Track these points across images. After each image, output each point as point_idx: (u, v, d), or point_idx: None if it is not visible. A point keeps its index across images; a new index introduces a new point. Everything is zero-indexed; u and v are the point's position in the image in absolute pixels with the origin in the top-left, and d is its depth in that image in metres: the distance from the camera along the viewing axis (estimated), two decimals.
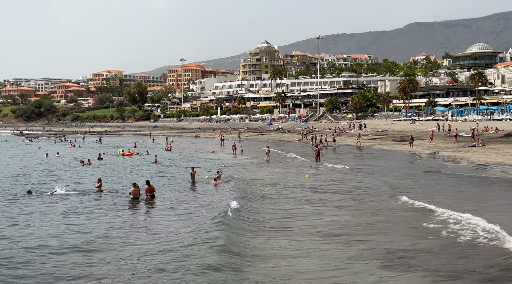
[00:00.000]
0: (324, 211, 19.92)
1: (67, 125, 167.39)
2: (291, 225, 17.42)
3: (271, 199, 23.05)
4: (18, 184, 29.60)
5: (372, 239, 15.08)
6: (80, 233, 16.75)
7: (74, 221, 18.70)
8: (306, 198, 23.01)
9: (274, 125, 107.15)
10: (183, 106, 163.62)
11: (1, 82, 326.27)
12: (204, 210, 20.50)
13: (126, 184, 28.08)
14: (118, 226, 17.80)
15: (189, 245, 14.54)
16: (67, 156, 50.60)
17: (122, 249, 14.58)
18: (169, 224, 18.17)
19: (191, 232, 16.39)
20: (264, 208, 20.91)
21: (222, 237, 15.16)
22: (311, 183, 27.92)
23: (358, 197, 22.82)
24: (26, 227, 17.69)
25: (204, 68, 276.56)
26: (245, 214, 19.20)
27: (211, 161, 42.98)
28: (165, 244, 14.98)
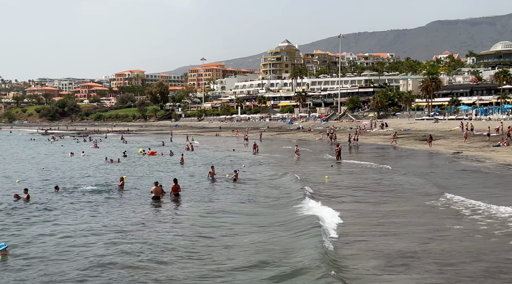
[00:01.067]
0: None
1: (90, 124, 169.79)
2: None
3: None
4: (46, 181, 30.30)
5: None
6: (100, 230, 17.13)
7: (97, 218, 19.13)
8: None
9: (294, 124, 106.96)
10: (204, 106, 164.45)
11: (26, 82, 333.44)
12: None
13: (149, 182, 28.44)
14: (140, 222, 18.14)
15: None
16: (91, 155, 51.40)
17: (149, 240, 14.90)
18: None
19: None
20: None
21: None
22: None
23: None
24: (56, 224, 18.20)
25: (225, 68, 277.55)
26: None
27: (231, 160, 43.23)
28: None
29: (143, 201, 23.09)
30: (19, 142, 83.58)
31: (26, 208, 21.36)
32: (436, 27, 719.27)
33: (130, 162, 43.10)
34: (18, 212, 20.57)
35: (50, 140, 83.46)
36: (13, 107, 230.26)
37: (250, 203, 22.46)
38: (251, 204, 22.25)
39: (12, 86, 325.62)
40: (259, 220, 18.67)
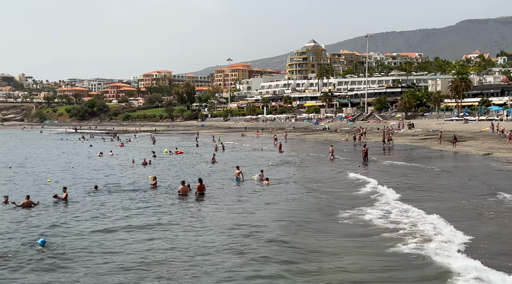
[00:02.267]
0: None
1: (118, 124, 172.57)
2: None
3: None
4: (76, 181, 31.01)
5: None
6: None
7: (132, 217, 19.59)
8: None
9: (320, 125, 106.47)
10: (230, 106, 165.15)
11: (56, 83, 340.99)
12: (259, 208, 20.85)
13: (178, 182, 28.83)
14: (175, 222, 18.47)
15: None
16: (120, 155, 52.25)
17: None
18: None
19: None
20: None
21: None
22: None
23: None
24: (96, 222, 18.71)
25: (251, 68, 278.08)
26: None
27: (258, 159, 43.37)
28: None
29: (172, 200, 23.47)
30: (50, 141, 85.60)
31: (67, 207, 21.93)
32: (466, 26, 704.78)
33: (159, 162, 43.68)
34: (60, 210, 21.16)
35: (80, 140, 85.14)
36: (44, 107, 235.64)
37: (280, 203, 22.49)
38: (280, 204, 22.29)
39: (43, 87, 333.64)
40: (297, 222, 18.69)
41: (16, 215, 20.06)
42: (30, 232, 16.85)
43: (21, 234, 16.61)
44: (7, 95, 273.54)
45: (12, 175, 34.80)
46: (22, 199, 22.21)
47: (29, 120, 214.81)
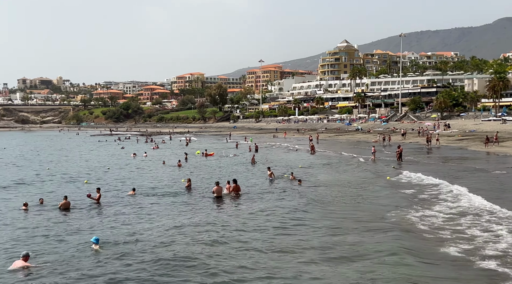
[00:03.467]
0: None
1: (152, 126, 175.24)
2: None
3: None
4: (111, 181, 31.67)
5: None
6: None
7: (169, 218, 19.90)
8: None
9: (353, 125, 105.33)
10: (262, 107, 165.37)
11: (93, 86, 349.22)
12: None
13: (212, 183, 29.07)
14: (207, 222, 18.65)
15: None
16: (154, 156, 52.97)
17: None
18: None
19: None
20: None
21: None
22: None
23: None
24: (133, 223, 19.04)
25: (283, 69, 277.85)
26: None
27: (291, 160, 43.27)
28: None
29: (207, 200, 23.70)
30: (86, 143, 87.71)
31: (104, 207, 22.44)
32: (503, 24, 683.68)
33: (192, 164, 44.11)
34: (98, 211, 21.71)
35: (116, 141, 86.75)
36: (81, 109, 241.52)
37: (311, 204, 22.41)
38: (311, 205, 22.19)
39: (80, 90, 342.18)
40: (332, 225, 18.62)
41: (58, 216, 20.52)
42: (77, 232, 17.24)
43: (70, 234, 16.96)
44: (45, 98, 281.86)
45: (50, 176, 35.79)
46: (61, 200, 22.74)
47: (66, 122, 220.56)
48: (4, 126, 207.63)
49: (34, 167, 43.15)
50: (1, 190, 28.81)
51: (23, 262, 13.15)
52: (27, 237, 16.94)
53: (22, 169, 41.94)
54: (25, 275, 12.73)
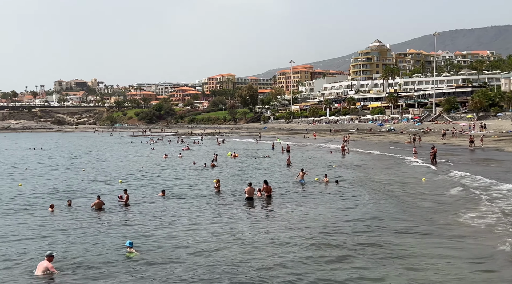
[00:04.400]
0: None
1: (184, 127, 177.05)
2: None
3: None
4: (145, 182, 32.14)
5: None
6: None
7: (201, 221, 20.09)
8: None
9: (385, 126, 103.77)
10: (292, 108, 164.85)
11: (126, 87, 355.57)
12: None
13: (242, 184, 29.14)
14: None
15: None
16: (185, 157, 53.49)
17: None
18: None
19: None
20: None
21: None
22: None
23: None
24: (164, 226, 19.22)
25: (313, 70, 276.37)
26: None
27: (322, 161, 43.02)
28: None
29: (238, 201, 23.74)
30: (119, 144, 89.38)
31: (130, 209, 22.70)
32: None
33: (224, 164, 44.33)
34: (125, 212, 21.96)
35: (148, 142, 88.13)
36: (115, 110, 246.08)
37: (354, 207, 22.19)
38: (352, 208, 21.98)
39: (114, 91, 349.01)
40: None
41: (91, 217, 20.70)
42: (110, 235, 17.31)
43: (103, 237, 16.99)
44: (80, 100, 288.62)
45: (85, 176, 36.60)
46: (94, 200, 23.13)
47: (101, 123, 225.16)
48: (41, 127, 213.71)
49: (70, 167, 44.20)
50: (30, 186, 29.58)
51: (48, 262, 13.06)
52: (53, 238, 16.98)
53: (58, 169, 43.02)
54: (50, 277, 12.68)
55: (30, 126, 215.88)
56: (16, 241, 16.70)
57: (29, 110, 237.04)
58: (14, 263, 14.13)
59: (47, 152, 67.69)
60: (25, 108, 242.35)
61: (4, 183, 33.11)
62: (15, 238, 17.17)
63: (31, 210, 22.60)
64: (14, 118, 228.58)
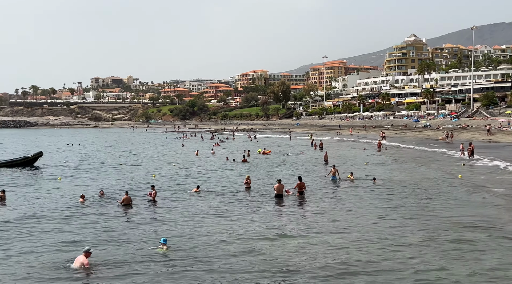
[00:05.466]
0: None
1: (217, 123, 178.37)
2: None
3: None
4: (179, 178, 32.53)
5: None
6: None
7: (231, 219, 20.15)
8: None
9: (421, 122, 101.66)
10: (325, 104, 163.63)
11: (160, 84, 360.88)
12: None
13: (272, 181, 29.08)
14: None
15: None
16: (218, 153, 53.85)
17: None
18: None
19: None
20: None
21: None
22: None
23: None
24: (196, 221, 19.47)
25: (347, 65, 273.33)
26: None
27: (356, 158, 42.52)
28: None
29: (267, 199, 23.64)
30: (153, 140, 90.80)
31: (159, 206, 22.87)
32: None
33: (255, 161, 44.37)
34: (154, 209, 22.15)
35: (182, 138, 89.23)
36: (150, 107, 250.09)
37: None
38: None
39: (148, 88, 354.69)
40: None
41: (122, 213, 20.87)
42: (141, 231, 17.36)
43: (134, 233, 17.03)
44: (116, 96, 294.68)
45: (120, 170, 37.33)
46: (123, 195, 23.38)
47: (136, 119, 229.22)
48: (79, 123, 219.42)
49: (106, 162, 45.16)
50: (68, 182, 30.32)
51: (84, 258, 13.30)
52: (88, 232, 17.20)
53: (95, 163, 44.02)
54: (88, 272, 12.88)
55: (68, 122, 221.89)
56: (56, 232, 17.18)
57: (67, 107, 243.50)
58: (48, 254, 14.53)
59: (86, 148, 69.38)
60: (63, 104, 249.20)
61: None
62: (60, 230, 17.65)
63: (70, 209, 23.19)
64: (53, 115, 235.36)
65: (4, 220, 19.41)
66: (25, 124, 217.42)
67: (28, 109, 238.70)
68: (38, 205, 22.87)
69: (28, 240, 16.32)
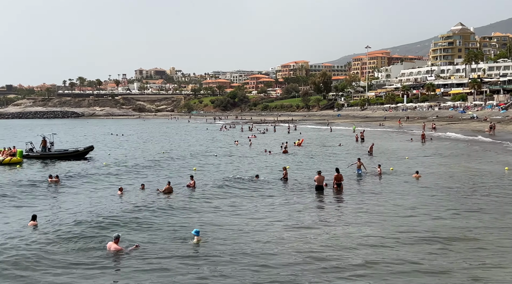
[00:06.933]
0: None
1: (257, 114, 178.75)
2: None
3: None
4: (223, 167, 32.90)
5: None
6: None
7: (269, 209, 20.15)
8: None
9: (467, 113, 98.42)
10: (367, 95, 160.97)
11: (202, 75, 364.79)
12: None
13: (311, 172, 28.90)
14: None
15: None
16: (257, 144, 54.03)
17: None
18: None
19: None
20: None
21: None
22: None
23: None
24: (238, 211, 19.67)
25: (390, 55, 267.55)
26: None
27: (399, 151, 41.72)
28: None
29: (306, 190, 23.51)
30: (195, 131, 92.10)
31: (199, 196, 23.06)
32: None
33: (294, 152, 44.23)
34: (194, 199, 22.21)
35: (222, 129, 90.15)
36: (191, 98, 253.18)
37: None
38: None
39: (190, 79, 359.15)
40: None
41: (161, 203, 20.92)
42: (176, 221, 17.39)
43: (170, 223, 17.07)
44: (159, 87, 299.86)
45: (161, 161, 38.01)
46: (165, 185, 23.82)
47: (178, 110, 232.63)
48: (123, 114, 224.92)
49: (149, 152, 46.11)
50: (109, 176, 31.08)
51: (114, 244, 13.74)
52: (122, 221, 17.45)
53: (136, 153, 45.03)
54: (117, 257, 13.20)
55: (113, 113, 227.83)
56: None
57: (112, 98, 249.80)
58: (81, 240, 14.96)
59: (130, 137, 71.12)
60: (108, 96, 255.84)
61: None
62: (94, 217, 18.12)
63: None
64: (99, 106, 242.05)
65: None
66: (72, 114, 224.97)
67: (75, 100, 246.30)
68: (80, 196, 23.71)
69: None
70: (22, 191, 24.45)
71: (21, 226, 16.83)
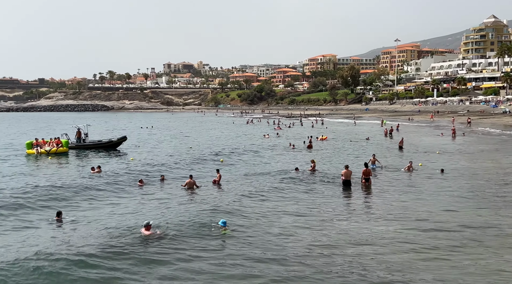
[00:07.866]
0: None
1: (284, 108, 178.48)
2: None
3: None
4: (251, 161, 33.16)
5: None
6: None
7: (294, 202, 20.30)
8: None
9: (500, 108, 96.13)
10: (396, 89, 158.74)
11: (229, 69, 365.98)
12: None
13: (338, 166, 28.83)
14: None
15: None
16: (284, 137, 54.07)
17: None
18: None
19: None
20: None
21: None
22: None
23: None
24: (264, 203, 19.75)
25: (420, 48, 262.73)
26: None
27: (430, 146, 41.16)
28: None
29: (334, 185, 23.42)
30: (221, 124, 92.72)
31: (223, 189, 23.11)
32: None
33: (320, 147, 44.10)
34: (216, 193, 22.32)
35: (248, 123, 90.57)
36: (219, 92, 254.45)
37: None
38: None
39: (218, 73, 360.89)
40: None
41: (183, 196, 21.06)
42: (200, 212, 17.33)
43: (194, 215, 17.03)
44: (187, 81, 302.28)
45: (189, 154, 38.41)
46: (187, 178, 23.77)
47: (205, 104, 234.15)
48: (152, 108, 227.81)
49: (176, 146, 46.67)
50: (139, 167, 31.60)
51: (146, 231, 14.23)
52: (147, 211, 17.81)
53: (163, 148, 45.67)
54: (149, 242, 13.73)
55: (142, 106, 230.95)
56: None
57: (141, 92, 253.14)
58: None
59: (159, 131, 72.17)
60: (137, 89, 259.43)
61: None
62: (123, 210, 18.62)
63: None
64: (128, 99, 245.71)
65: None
66: (102, 108, 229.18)
67: (105, 94, 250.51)
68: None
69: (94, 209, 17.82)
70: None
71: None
